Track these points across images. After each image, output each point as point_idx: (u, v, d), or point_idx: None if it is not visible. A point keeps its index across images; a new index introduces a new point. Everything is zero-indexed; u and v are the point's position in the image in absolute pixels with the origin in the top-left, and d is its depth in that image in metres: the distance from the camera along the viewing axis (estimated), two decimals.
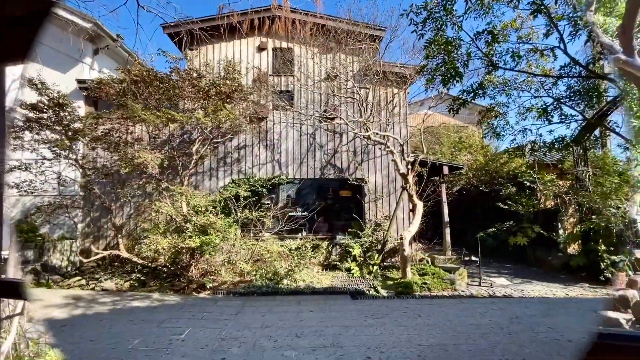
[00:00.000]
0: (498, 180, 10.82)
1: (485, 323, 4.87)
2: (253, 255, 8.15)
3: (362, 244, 8.70)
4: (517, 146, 5.52)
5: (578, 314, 5.31)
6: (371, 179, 9.70)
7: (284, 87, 9.94)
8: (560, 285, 7.29)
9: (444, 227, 9.89)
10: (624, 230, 7.17)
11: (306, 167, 9.68)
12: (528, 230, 9.15)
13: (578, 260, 7.80)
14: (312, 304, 5.91)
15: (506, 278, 8.05)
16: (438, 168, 9.80)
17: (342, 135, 9.86)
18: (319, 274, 7.96)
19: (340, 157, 9.78)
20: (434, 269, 7.61)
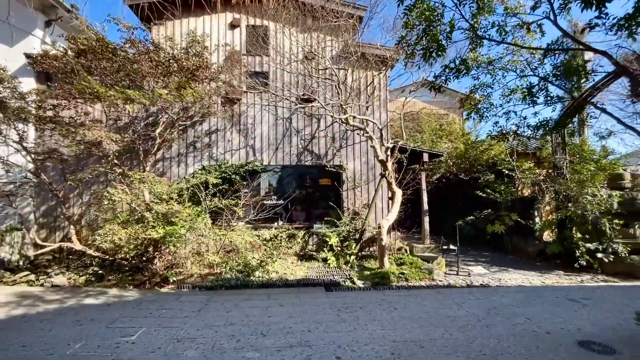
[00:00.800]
0: (477, 168, 10.72)
1: (462, 315, 4.66)
2: (224, 246, 7.70)
3: (339, 233, 8.39)
4: (500, 130, 5.26)
5: (555, 302, 5.20)
6: (350, 166, 9.35)
7: (259, 68, 9.33)
8: (536, 273, 7.25)
9: (423, 216, 9.70)
10: (599, 218, 7.15)
11: (282, 153, 9.20)
12: (505, 218, 9.10)
13: (554, 248, 7.79)
14: (284, 297, 5.56)
15: (483, 266, 7.97)
16: (418, 155, 9.54)
17: (319, 120, 9.41)
18: (294, 265, 7.61)
19: (318, 143, 9.35)
20: (412, 258, 7.41)
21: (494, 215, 9.59)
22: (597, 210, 7.06)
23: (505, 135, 5.22)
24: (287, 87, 9.16)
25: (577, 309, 4.90)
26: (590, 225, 7.29)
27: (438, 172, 12.56)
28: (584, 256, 6.99)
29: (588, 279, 6.77)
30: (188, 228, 6.63)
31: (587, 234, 7.26)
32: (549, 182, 8.68)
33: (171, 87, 5.82)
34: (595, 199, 7.01)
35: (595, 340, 3.83)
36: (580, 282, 6.57)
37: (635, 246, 6.92)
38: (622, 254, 6.75)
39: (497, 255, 9.41)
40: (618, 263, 6.89)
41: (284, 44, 9.26)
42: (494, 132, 5.30)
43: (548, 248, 7.97)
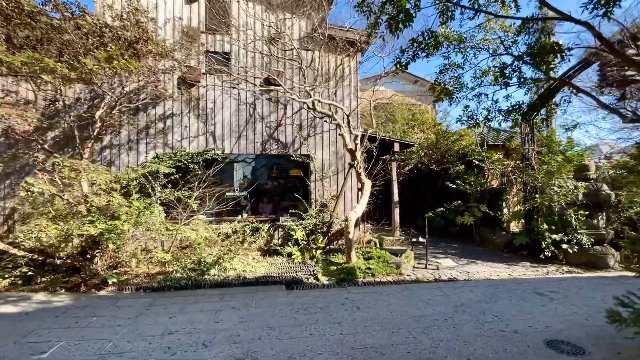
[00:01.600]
0: (448, 158, 10.58)
1: (428, 314, 4.35)
2: (178, 242, 7.04)
3: (306, 226, 7.93)
4: (470, 115, 4.95)
5: (522, 297, 5.02)
6: (318, 156, 8.87)
7: (219, 48, 8.56)
8: (504, 265, 7.15)
9: (393, 207, 9.44)
10: (565, 209, 7.13)
11: (245, 141, 8.56)
12: (475, 209, 9.00)
13: (521, 239, 7.74)
14: (238, 298, 5.04)
15: (452, 259, 7.80)
16: (389, 145, 9.21)
17: (286, 107, 8.82)
18: (255, 261, 7.08)
19: (285, 131, 8.78)
20: (380, 252, 7.09)
21: (463, 207, 9.50)
22: (564, 201, 7.02)
23: (475, 121, 4.91)
24: (250, 70, 8.48)
25: (544, 304, 4.73)
26: (557, 216, 7.26)
27: (410, 163, 12.38)
28: (549, 247, 6.95)
29: (554, 270, 6.73)
30: (134, 223, 5.92)
31: (553, 225, 7.23)
32: (518, 173, 8.62)
33: (100, 58, 5.01)
34: (562, 190, 6.96)
35: (564, 339, 3.61)
36: (546, 273, 6.51)
37: (599, 237, 6.95)
38: (586, 245, 6.75)
39: (466, 246, 9.33)
40: (582, 254, 6.90)
41: (247, 22, 8.54)
42: (464, 116, 4.98)
43: (515, 240, 7.92)
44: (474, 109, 4.85)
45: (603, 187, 7.15)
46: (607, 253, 6.82)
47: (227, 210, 8.72)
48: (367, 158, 8.76)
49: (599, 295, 5.05)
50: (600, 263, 6.81)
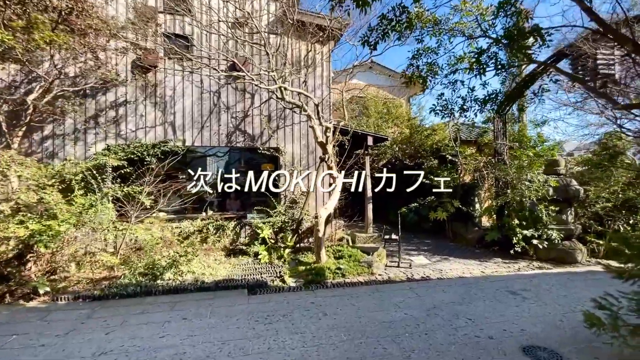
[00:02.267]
0: (422, 153, 10.41)
1: (399, 319, 4.03)
2: (131, 243, 6.38)
3: (273, 223, 7.45)
4: (445, 104, 4.66)
5: (495, 297, 4.83)
6: (288, 149, 8.38)
7: (179, 30, 7.83)
8: (476, 262, 7.03)
9: (366, 203, 9.15)
10: (536, 204, 7.09)
11: (209, 132, 7.92)
12: (448, 204, 8.87)
13: (492, 235, 7.66)
14: (192, 306, 4.51)
15: (425, 256, 7.61)
16: (362, 139, 8.89)
17: (254, 96, 8.25)
18: (218, 262, 6.54)
19: (252, 123, 8.21)
20: (352, 250, 6.75)
21: (437, 202, 9.36)
22: (535, 196, 6.97)
23: (450, 111, 4.63)
24: (214, 55, 7.83)
25: (518, 304, 4.55)
26: (527, 212, 7.22)
27: (385, 158, 12.13)
28: (520, 243, 6.88)
29: (524, 266, 6.67)
30: (75, 222, 5.22)
31: (524, 220, 7.18)
32: (490, 169, 8.56)
33: (16, 27, 4.26)
34: (533, 185, 6.90)
35: (541, 344, 3.39)
36: (517, 270, 6.42)
37: (568, 232, 6.97)
38: (556, 240, 6.73)
39: (439, 242, 9.21)
40: (551, 249, 6.89)
41: (210, 2, 7.85)
42: (437, 106, 4.68)
43: (487, 235, 7.84)
44: (449, 98, 4.57)
45: (572, 183, 7.17)
46: (575, 248, 6.84)
47: (191, 207, 8.15)
48: (340, 152, 8.38)
49: (570, 293, 4.95)
50: (569, 258, 6.82)
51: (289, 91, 7.03)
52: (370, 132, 9.11)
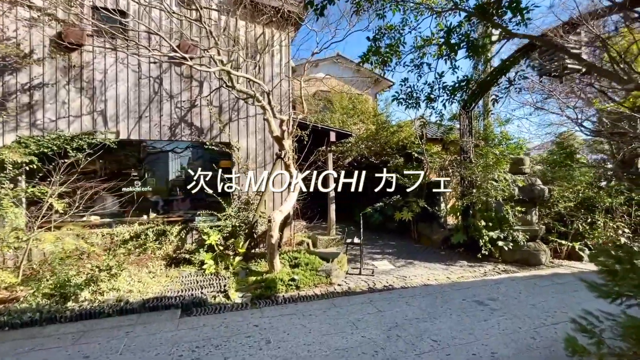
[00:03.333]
0: (387, 151, 9.98)
1: (356, 344, 3.42)
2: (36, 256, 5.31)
3: (222, 228, 6.62)
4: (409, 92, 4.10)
5: (462, 309, 4.38)
6: (242, 144, 7.56)
7: (112, 3, 6.72)
8: (441, 266, 6.64)
9: (329, 203, 8.55)
10: (502, 204, 6.82)
11: (148, 124, 6.90)
12: (413, 204, 8.48)
13: (458, 237, 7.34)
14: (103, 337, 3.63)
15: (389, 260, 7.13)
16: (324, 134, 8.25)
17: (202, 84, 7.33)
18: (152, 275, 5.62)
19: (200, 114, 7.29)
20: (309, 257, 6.09)
21: (402, 202, 8.96)
22: (501, 196, 6.69)
23: (415, 100, 4.07)
24: (155, 36, 6.80)
25: (486, 317, 4.11)
26: (494, 212, 6.95)
27: (350, 155, 11.60)
28: (487, 246, 6.57)
29: (490, 269, 6.36)
30: None
31: (490, 221, 6.90)
32: (456, 167, 8.25)
33: None
34: (500, 184, 6.62)
35: None
36: (483, 274, 6.09)
37: (533, 233, 6.76)
38: (522, 242, 6.48)
39: (405, 244, 8.81)
40: (516, 251, 6.65)
41: None
42: (401, 94, 4.10)
43: (453, 237, 7.51)
44: (414, 85, 4.02)
45: (537, 182, 6.99)
46: (539, 250, 6.64)
47: (132, 209, 7.17)
48: (300, 148, 7.69)
49: (539, 302, 4.61)
50: (533, 260, 6.61)
51: (238, 77, 6.20)
52: (332, 127, 8.49)
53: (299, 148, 7.72)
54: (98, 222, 6.77)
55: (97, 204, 6.49)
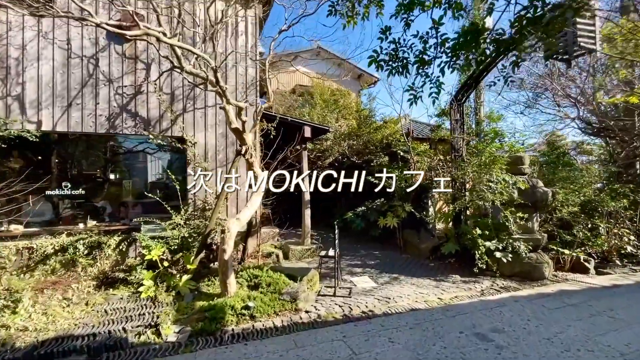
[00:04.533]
0: (370, 149, 9.01)
1: None
2: None
3: (170, 239, 5.46)
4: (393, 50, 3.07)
5: (459, 346, 3.39)
6: (199, 139, 6.43)
7: None
8: (431, 282, 5.66)
9: (303, 208, 7.49)
10: (500, 209, 5.92)
11: (80, 112, 5.69)
12: (399, 209, 7.52)
13: (450, 247, 6.40)
14: None
15: (371, 275, 6.10)
16: (297, 130, 7.21)
17: (150, 66, 6.16)
18: (65, 304, 4.40)
19: (147, 102, 6.12)
20: (273, 275, 4.99)
21: (386, 206, 7.99)
22: (498, 200, 5.78)
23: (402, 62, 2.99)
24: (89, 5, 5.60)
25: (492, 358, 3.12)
26: (490, 218, 6.04)
27: (332, 155, 10.57)
28: (483, 258, 5.64)
29: (488, 286, 5.42)
30: None
31: (486, 229, 5.99)
32: (446, 167, 7.35)
33: None
34: (498, 186, 5.71)
35: None
36: (481, 293, 5.14)
37: (535, 242, 5.88)
38: (524, 253, 5.58)
39: (389, 254, 7.81)
40: (516, 263, 5.75)
41: None
42: (382, 54, 2.98)
43: (443, 247, 6.57)
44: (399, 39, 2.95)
45: (539, 184, 6.12)
46: (542, 261, 5.76)
47: (68, 215, 6.00)
48: (269, 144, 6.61)
49: (555, 334, 3.66)
50: (535, 273, 5.72)
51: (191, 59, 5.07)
52: (307, 121, 7.45)
53: (268, 144, 6.65)
54: (19, 232, 5.51)
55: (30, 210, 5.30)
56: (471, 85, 6.65)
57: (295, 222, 8.03)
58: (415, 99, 2.91)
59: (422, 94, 2.96)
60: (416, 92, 2.88)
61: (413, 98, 2.91)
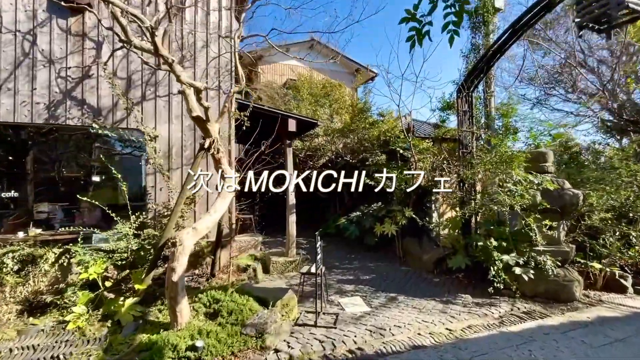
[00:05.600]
0: (366, 146, 8.02)
1: None
2: None
3: (114, 252, 4.46)
4: None
5: None
6: (162, 132, 5.45)
7: None
8: (437, 304, 4.64)
9: (287, 214, 6.49)
10: (520, 215, 4.89)
11: (12, 99, 4.72)
12: (398, 214, 6.53)
13: (459, 260, 5.38)
14: None
15: (364, 295, 5.07)
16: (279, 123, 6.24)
17: (100, 46, 5.20)
18: None
19: (98, 88, 5.15)
20: (239, 299, 3.97)
21: (384, 211, 7.01)
22: (519, 204, 4.76)
23: None
24: None
25: None
26: (508, 226, 5.02)
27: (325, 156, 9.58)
28: (500, 275, 4.62)
29: (507, 311, 4.40)
30: None
31: (503, 239, 4.97)
32: (453, 166, 6.36)
33: None
34: (518, 187, 4.70)
35: None
36: (500, 321, 4.12)
37: (563, 256, 4.85)
38: (550, 269, 4.55)
39: (387, 266, 6.78)
40: (539, 280, 4.73)
41: None
42: None
43: (450, 260, 5.56)
44: None
45: (566, 185, 5.10)
46: (572, 279, 4.74)
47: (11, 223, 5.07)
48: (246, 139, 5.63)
49: None
50: (563, 293, 4.70)
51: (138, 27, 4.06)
52: (292, 113, 6.47)
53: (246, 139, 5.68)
54: None
55: None
56: (482, 70, 5.67)
57: (286, 229, 7.02)
58: (419, 35, 1.87)
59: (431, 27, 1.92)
60: (420, 22, 1.85)
61: (415, 33, 1.88)
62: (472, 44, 7.73)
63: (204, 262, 5.41)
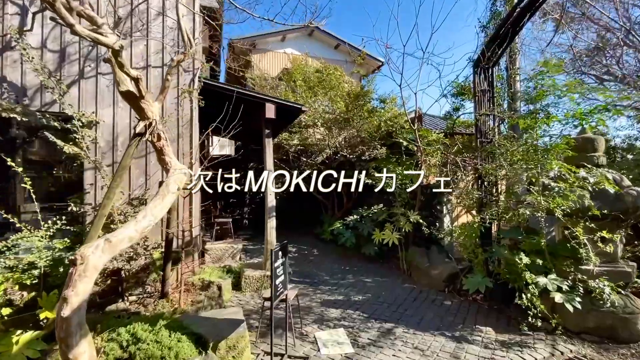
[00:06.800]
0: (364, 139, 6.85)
1: None
2: None
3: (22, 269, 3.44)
4: None
5: None
6: (106, 118, 4.45)
7: None
8: (447, 342, 3.43)
9: (266, 218, 5.38)
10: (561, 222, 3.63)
11: None
12: (401, 219, 5.35)
13: (477, 281, 4.14)
14: None
15: (352, 325, 3.90)
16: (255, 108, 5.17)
17: (27, 12, 4.23)
18: None
19: (22, 64, 4.18)
20: (166, 340, 2.86)
21: (386, 214, 5.84)
22: (559, 208, 3.50)
23: None
24: None
25: None
26: (542, 237, 3.75)
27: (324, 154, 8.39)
28: (537, 306, 3.37)
29: (547, 357, 3.15)
30: None
31: (538, 254, 3.71)
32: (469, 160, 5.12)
33: None
34: (562, 186, 3.45)
35: None
36: None
37: (621, 277, 3.56)
38: (606, 297, 3.28)
39: (386, 282, 5.56)
40: (588, 311, 3.47)
41: None
42: None
43: (466, 279, 4.32)
44: None
45: (625, 182, 3.81)
46: (634, 311, 3.44)
47: None
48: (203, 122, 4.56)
49: None
50: (624, 331, 3.42)
51: None
52: (268, 97, 5.37)
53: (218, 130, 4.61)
54: None
55: None
56: (506, 36, 4.43)
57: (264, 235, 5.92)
58: None
59: None
60: None
61: None
62: (491, 12, 6.49)
63: (148, 279, 4.36)
